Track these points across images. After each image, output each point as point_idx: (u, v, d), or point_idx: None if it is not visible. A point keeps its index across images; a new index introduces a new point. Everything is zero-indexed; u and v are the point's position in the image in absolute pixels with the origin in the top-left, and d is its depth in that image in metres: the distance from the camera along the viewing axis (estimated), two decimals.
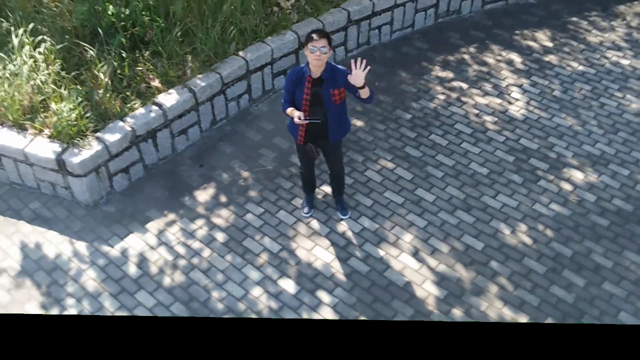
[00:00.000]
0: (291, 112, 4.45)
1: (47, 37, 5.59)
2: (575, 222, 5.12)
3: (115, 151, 5.19)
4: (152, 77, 5.57)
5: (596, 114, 6.11)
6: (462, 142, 5.81)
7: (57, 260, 4.88)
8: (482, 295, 4.64)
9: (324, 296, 4.64)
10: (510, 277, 4.75)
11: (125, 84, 5.50)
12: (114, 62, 5.51)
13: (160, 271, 4.81)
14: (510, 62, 6.74)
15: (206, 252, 4.94)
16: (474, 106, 6.19)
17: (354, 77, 4.20)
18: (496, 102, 6.24)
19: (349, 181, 5.41)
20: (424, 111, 6.14)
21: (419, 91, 6.37)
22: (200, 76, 5.66)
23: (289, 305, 4.59)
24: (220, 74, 5.71)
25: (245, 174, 5.54)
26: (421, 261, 4.86)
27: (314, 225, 5.12)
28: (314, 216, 5.18)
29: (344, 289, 4.69)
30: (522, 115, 6.10)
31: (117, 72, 5.52)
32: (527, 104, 6.22)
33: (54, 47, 5.53)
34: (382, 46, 6.93)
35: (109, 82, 5.41)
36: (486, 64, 6.71)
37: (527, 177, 5.49)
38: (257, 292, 4.68)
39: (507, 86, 6.43)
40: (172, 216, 5.19)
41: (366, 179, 5.47)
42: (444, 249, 4.94)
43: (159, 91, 5.50)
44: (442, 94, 6.33)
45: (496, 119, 6.05)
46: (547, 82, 6.48)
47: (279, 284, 4.72)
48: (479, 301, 4.59)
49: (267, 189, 5.40)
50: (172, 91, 5.51)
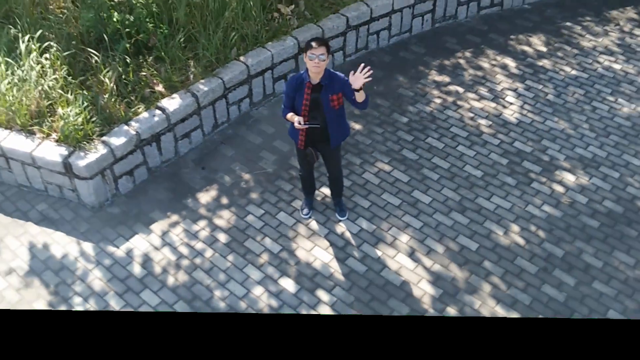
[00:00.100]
0: (291, 117, 4.60)
1: (53, 43, 5.72)
2: (566, 223, 5.26)
3: (120, 154, 5.32)
4: (155, 82, 5.70)
5: (588, 118, 6.25)
6: (457, 145, 5.94)
7: (64, 260, 5.01)
8: (476, 294, 4.77)
9: (323, 295, 4.78)
10: (503, 276, 4.89)
11: (129, 89, 5.63)
12: (118, 67, 5.64)
13: (164, 271, 4.95)
14: (505, 67, 6.87)
15: (208, 252, 5.07)
16: (469, 110, 6.32)
17: (354, 78, 4.34)
18: (491, 105, 6.38)
19: (347, 183, 5.53)
20: (420, 115, 6.27)
21: (416, 95, 6.50)
22: (202, 81, 5.79)
23: (289, 303, 4.73)
24: (222, 79, 5.84)
25: (246, 176, 5.68)
26: (417, 261, 5.00)
27: (313, 226, 5.26)
28: (313, 217, 5.31)
29: (342, 288, 4.83)
30: (516, 118, 6.23)
31: (122, 77, 5.65)
32: (521, 107, 6.36)
33: (60, 53, 5.66)
34: (380, 51, 7.06)
35: (114, 87, 5.54)
36: (481, 69, 6.84)
37: (521, 179, 5.63)
38: (258, 291, 4.81)
39: (502, 90, 6.56)
40: (175, 217, 5.33)
41: (364, 181, 5.61)
42: (439, 249, 5.08)
43: (163, 96, 5.63)
44: (439, 97, 6.46)
45: (491, 123, 6.18)
46: (540, 86, 6.61)
47: (280, 283, 4.86)
48: (473, 300, 4.73)
49: (268, 191, 5.54)
50: (175, 96, 5.65)
